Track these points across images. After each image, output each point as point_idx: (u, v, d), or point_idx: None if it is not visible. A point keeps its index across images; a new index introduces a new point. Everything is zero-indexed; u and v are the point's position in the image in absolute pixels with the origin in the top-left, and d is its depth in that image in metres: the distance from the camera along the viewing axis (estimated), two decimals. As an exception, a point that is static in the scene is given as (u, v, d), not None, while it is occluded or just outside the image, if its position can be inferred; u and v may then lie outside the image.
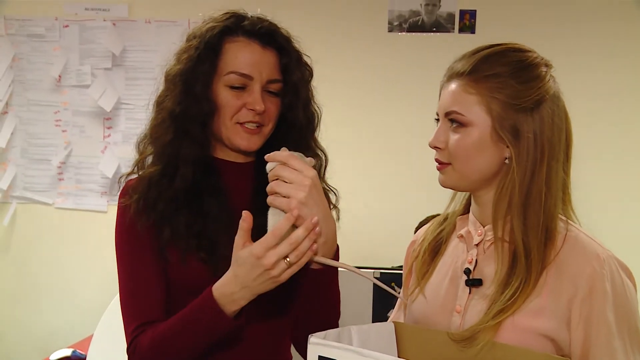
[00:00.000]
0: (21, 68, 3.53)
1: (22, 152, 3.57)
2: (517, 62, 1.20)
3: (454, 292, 1.27)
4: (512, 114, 1.17)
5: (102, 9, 3.48)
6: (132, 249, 1.36)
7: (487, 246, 1.25)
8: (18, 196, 3.57)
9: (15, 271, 3.58)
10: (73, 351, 2.83)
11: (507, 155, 1.20)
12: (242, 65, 1.32)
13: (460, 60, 1.23)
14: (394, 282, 2.31)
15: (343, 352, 1.05)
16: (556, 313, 1.14)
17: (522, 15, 3.32)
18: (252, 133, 1.34)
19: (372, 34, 3.42)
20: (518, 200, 1.18)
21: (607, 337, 1.12)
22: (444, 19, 3.40)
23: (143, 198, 1.34)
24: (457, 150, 1.20)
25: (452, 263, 1.31)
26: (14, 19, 3.51)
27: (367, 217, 3.41)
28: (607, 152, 3.29)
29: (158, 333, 1.29)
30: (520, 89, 1.18)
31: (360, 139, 3.45)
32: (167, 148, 1.34)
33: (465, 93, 1.19)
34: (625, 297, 1.14)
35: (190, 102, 1.32)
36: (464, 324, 1.22)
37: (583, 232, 1.20)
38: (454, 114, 1.20)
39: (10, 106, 3.54)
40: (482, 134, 1.19)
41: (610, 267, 1.14)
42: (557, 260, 1.17)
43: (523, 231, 1.17)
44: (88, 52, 3.49)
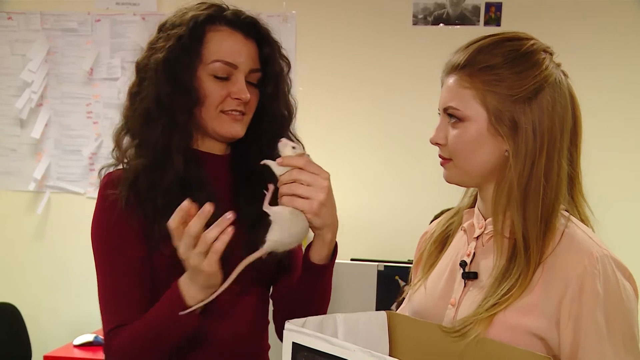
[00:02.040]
0: (55, 62, 3.56)
1: (55, 143, 3.60)
2: (511, 51, 1.14)
3: (451, 284, 1.24)
4: (509, 105, 1.12)
5: (132, 4, 3.51)
6: (117, 248, 1.29)
7: (486, 239, 1.21)
8: (52, 186, 3.60)
9: (48, 258, 3.62)
10: (95, 337, 2.90)
11: (506, 148, 1.15)
12: (227, 54, 1.29)
13: (456, 53, 1.18)
14: (398, 274, 2.40)
15: (313, 340, 1.02)
16: (546, 312, 1.09)
17: (549, 7, 3.23)
18: (236, 120, 1.32)
19: (397, 27, 3.38)
20: (517, 194, 1.13)
21: (596, 339, 1.06)
22: (469, 12, 3.32)
23: (133, 192, 1.28)
24: (456, 145, 1.17)
25: (453, 256, 1.28)
26: (50, 14, 3.55)
27: (373, 210, 3.39)
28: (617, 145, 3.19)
29: (134, 331, 1.25)
30: (516, 79, 1.12)
31: (385, 133, 3.42)
32: (158, 139, 1.28)
33: (461, 87, 1.15)
34: (619, 298, 1.07)
35: (177, 92, 1.28)
36: (457, 317, 1.18)
37: (581, 229, 1.14)
38: (451, 109, 1.16)
39: (45, 98, 3.58)
40: (479, 129, 1.14)
41: (604, 266, 1.08)
42: (551, 258, 1.11)
43: (523, 225, 1.12)
44: (118, 46, 3.51)
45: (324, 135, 3.29)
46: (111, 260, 1.30)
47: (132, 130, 1.33)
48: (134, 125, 1.32)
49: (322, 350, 1.01)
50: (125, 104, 1.35)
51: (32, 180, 3.59)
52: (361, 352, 0.95)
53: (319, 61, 3.39)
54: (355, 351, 0.96)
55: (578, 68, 3.33)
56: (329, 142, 3.32)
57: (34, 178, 3.58)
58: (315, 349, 1.03)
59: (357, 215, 3.32)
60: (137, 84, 1.33)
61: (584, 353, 1.07)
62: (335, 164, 2.66)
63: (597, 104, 2.97)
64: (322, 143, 3.05)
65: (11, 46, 3.57)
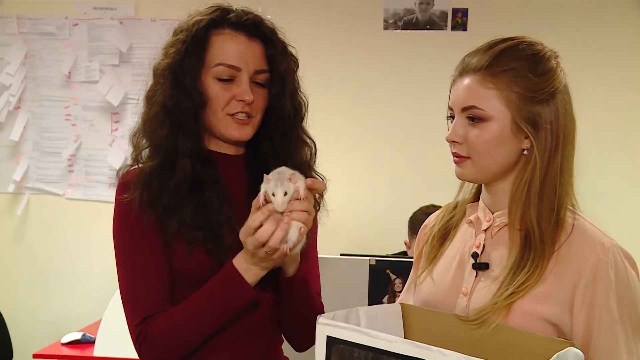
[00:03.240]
0: (33, 65, 3.55)
1: (34, 145, 3.58)
2: (532, 55, 1.17)
3: (460, 275, 1.25)
4: (530, 105, 1.15)
5: (109, 8, 3.50)
6: (137, 243, 1.30)
7: (495, 232, 1.23)
8: (31, 187, 3.59)
9: (29, 259, 3.60)
10: (83, 334, 2.86)
11: (525, 146, 1.17)
12: (230, 57, 1.29)
13: (474, 56, 1.20)
14: (389, 268, 2.38)
15: (351, 333, 1.03)
16: (560, 299, 1.12)
17: (513, 13, 3.33)
18: (242, 123, 1.31)
19: (369, 31, 3.45)
20: (536, 188, 1.16)
21: (609, 323, 1.10)
22: (437, 17, 3.41)
23: (146, 192, 1.29)
24: (478, 144, 1.17)
25: (460, 247, 1.29)
26: (27, 18, 3.53)
27: (364, 206, 3.44)
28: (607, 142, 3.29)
29: (173, 315, 1.26)
30: (536, 82, 1.15)
31: (359, 133, 3.46)
32: (164, 141, 1.30)
33: (483, 88, 1.16)
34: (628, 285, 1.12)
35: (181, 96, 1.28)
36: (469, 306, 1.20)
37: (589, 222, 1.18)
38: (474, 109, 1.17)
39: (23, 101, 3.57)
40: (502, 128, 1.16)
41: (614, 255, 1.12)
42: (563, 248, 1.15)
43: (537, 217, 1.15)
44: (96, 50, 3.51)
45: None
46: (132, 255, 1.31)
47: (146, 132, 1.34)
48: (147, 128, 1.33)
49: (360, 343, 1.02)
50: (143, 107, 1.36)
51: (11, 182, 3.57)
52: (403, 343, 0.97)
53: None
54: (397, 342, 0.98)
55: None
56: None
57: (13, 180, 3.57)
58: (352, 342, 1.03)
59: (346, 212, 3.34)
60: (153, 88, 1.33)
61: (597, 336, 1.10)
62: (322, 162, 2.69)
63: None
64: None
65: None
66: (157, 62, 1.33)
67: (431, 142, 3.36)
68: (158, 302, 1.28)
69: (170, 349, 1.28)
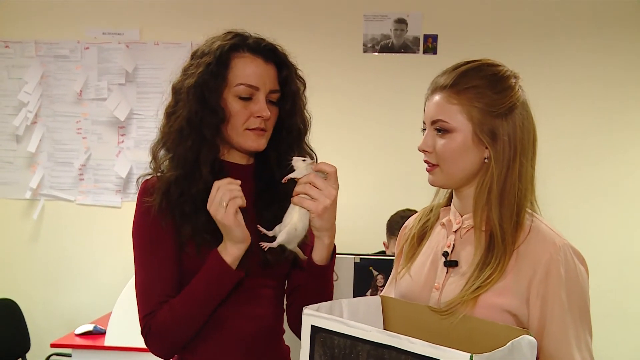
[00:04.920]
0: (48, 84, 3.67)
1: (48, 156, 3.70)
2: (492, 75, 1.22)
3: (434, 271, 1.30)
4: (489, 119, 1.20)
5: (117, 33, 3.63)
6: (153, 244, 1.34)
7: (464, 233, 1.28)
8: (45, 194, 3.71)
9: (44, 258, 3.70)
10: (94, 326, 2.93)
11: (486, 155, 1.22)
12: (250, 78, 1.33)
13: (442, 75, 1.25)
14: (372, 265, 2.45)
15: (331, 322, 1.06)
16: (518, 292, 1.17)
17: (478, 39, 3.49)
18: (259, 135, 1.36)
19: (350, 53, 3.59)
20: (496, 192, 1.21)
21: (560, 313, 1.15)
22: (411, 42, 3.55)
23: (165, 199, 1.33)
24: (444, 153, 1.22)
25: (434, 247, 1.34)
26: (43, 43, 3.66)
27: (349, 210, 3.55)
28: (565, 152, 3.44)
29: (171, 306, 1.31)
30: (496, 98, 1.20)
31: (343, 143, 3.57)
32: (187, 153, 1.33)
33: (449, 104, 1.21)
34: (577, 280, 1.17)
35: (206, 112, 1.32)
36: (441, 299, 1.24)
37: (544, 224, 1.22)
38: (440, 122, 1.22)
39: (39, 117, 3.69)
40: (465, 138, 1.21)
41: (565, 253, 1.17)
42: (522, 247, 1.19)
43: (499, 219, 1.20)
44: (105, 70, 3.64)
45: None
46: (147, 255, 1.35)
47: (167, 144, 1.37)
48: (169, 140, 1.36)
49: (340, 332, 1.05)
50: (162, 122, 1.39)
51: (28, 189, 3.68)
52: (377, 332, 1.00)
53: None
54: (371, 331, 1.00)
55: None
56: None
57: (29, 187, 3.68)
58: (332, 330, 1.06)
59: None
60: (173, 104, 1.37)
61: (550, 325, 1.16)
62: None
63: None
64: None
65: (8, 71, 3.67)
66: (178, 81, 1.38)
67: (407, 151, 3.34)
68: (163, 297, 1.33)
69: (173, 336, 1.32)
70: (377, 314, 1.26)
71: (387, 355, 0.98)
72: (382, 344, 0.99)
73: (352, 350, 1.03)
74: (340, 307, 1.21)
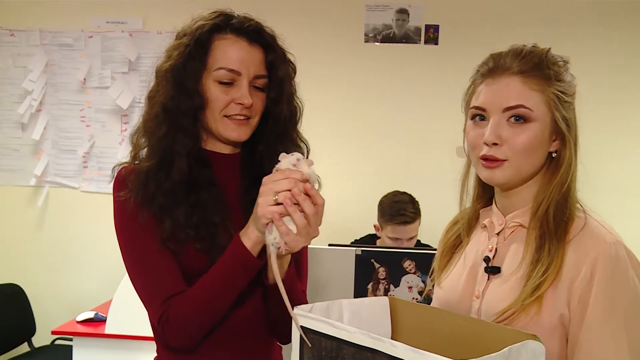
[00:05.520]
0: (53, 73, 3.67)
1: (53, 143, 3.71)
2: (561, 62, 1.15)
3: (473, 279, 1.20)
4: (564, 108, 1.11)
5: (120, 22, 3.63)
6: (138, 237, 1.25)
7: (508, 234, 1.17)
8: (50, 181, 3.72)
9: (48, 245, 3.71)
10: (95, 313, 2.94)
11: (552, 149, 1.13)
12: (231, 62, 1.24)
13: (510, 59, 1.12)
14: (373, 258, 2.35)
15: (319, 323, 1.02)
16: (560, 293, 1.06)
17: (478, 30, 3.46)
18: (240, 124, 1.26)
19: (351, 43, 3.57)
20: (560, 189, 1.11)
21: (599, 320, 1.02)
22: (412, 32, 3.53)
23: (142, 191, 1.23)
24: (520, 145, 1.09)
25: (474, 251, 1.23)
26: (48, 31, 3.66)
27: (350, 198, 3.54)
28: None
29: (189, 294, 1.21)
30: (566, 87, 1.13)
31: (344, 132, 3.57)
32: (161, 142, 1.24)
33: (529, 89, 1.09)
34: (626, 283, 1.04)
35: (182, 97, 1.22)
36: (482, 309, 1.14)
37: (594, 219, 1.11)
38: (521, 109, 1.09)
39: (44, 105, 3.69)
40: (544, 129, 1.10)
41: (616, 252, 1.04)
42: (571, 243, 1.08)
43: (554, 214, 1.11)
44: (108, 59, 3.63)
45: None
46: (135, 247, 1.26)
47: (146, 132, 1.28)
48: (147, 128, 1.27)
49: (326, 333, 1.00)
50: (144, 108, 1.30)
51: (33, 177, 3.70)
52: (360, 334, 0.95)
53: None
54: (355, 333, 0.95)
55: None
56: None
57: (34, 174, 3.69)
58: (320, 332, 1.01)
59: (335, 204, 3.45)
60: (154, 89, 1.28)
61: (586, 332, 1.03)
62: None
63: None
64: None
65: (14, 59, 3.68)
66: (160, 64, 1.28)
67: (408, 140, 3.49)
68: (176, 283, 1.23)
69: (193, 329, 1.22)
70: (384, 315, 1.17)
71: (371, 358, 0.93)
72: (364, 347, 0.94)
73: (339, 353, 0.99)
74: (340, 308, 1.13)
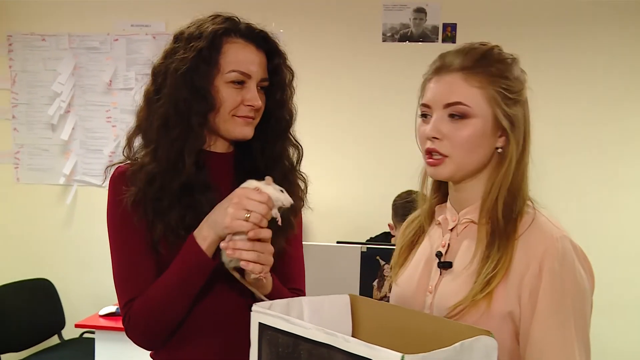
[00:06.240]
0: (80, 75, 3.76)
1: (81, 143, 3.80)
2: (506, 59, 1.14)
3: (427, 274, 1.20)
4: (509, 105, 1.10)
5: (144, 25, 3.70)
6: (126, 233, 1.27)
7: (460, 230, 1.18)
8: (78, 180, 3.81)
9: (76, 241, 3.80)
10: (117, 308, 2.96)
11: (498, 145, 1.13)
12: (243, 65, 1.26)
13: (455, 56, 1.13)
14: (379, 255, 2.39)
15: (276, 320, 1.03)
16: (511, 290, 1.06)
17: (496, 28, 3.44)
18: (247, 123, 1.29)
19: (369, 42, 3.57)
20: (506, 185, 1.11)
21: (546, 314, 1.03)
22: (430, 31, 3.52)
23: (143, 192, 1.25)
24: (461, 141, 1.10)
25: (428, 247, 1.24)
26: (76, 35, 3.75)
27: (364, 199, 3.57)
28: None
29: (147, 295, 1.23)
30: (513, 84, 1.12)
31: (361, 133, 3.57)
32: (174, 144, 1.24)
33: (469, 85, 1.09)
34: (573, 277, 1.04)
35: (195, 99, 1.24)
36: (434, 303, 1.15)
37: (544, 215, 1.12)
38: (459, 105, 1.09)
39: (72, 106, 3.78)
40: (484, 125, 1.10)
41: (563, 246, 1.05)
42: (520, 239, 1.09)
43: (504, 210, 1.11)
44: (133, 61, 3.71)
45: (304, 137, 3.44)
46: (122, 244, 1.28)
47: (146, 132, 1.28)
48: (149, 129, 1.27)
49: (283, 329, 1.00)
50: (141, 107, 1.30)
51: (62, 176, 3.79)
52: (315, 330, 0.95)
53: (303, 72, 3.54)
54: (310, 329, 0.95)
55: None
56: (307, 144, 3.51)
57: (63, 173, 3.78)
58: (277, 328, 1.02)
59: (344, 203, 3.49)
60: (154, 90, 1.28)
61: (537, 324, 1.03)
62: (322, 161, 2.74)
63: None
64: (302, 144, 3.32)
65: (44, 63, 3.77)
66: (159, 64, 1.28)
67: None
68: (141, 286, 1.24)
69: (150, 326, 1.24)
70: (345, 313, 1.18)
71: (327, 354, 0.92)
72: (319, 342, 0.94)
73: (295, 349, 0.99)
74: (300, 305, 1.13)
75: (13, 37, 3.83)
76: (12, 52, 3.84)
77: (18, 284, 3.52)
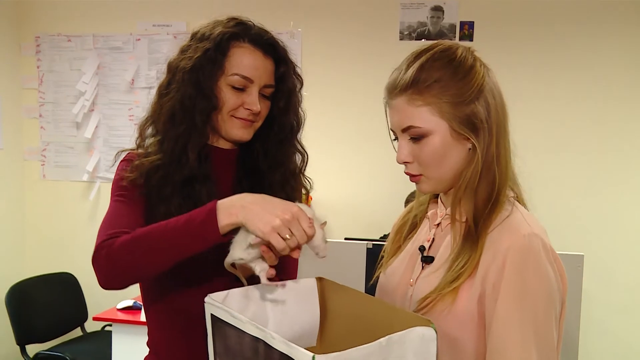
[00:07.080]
0: (104, 74, 3.81)
1: (104, 141, 3.85)
2: (450, 61, 1.08)
3: (412, 267, 1.20)
4: (462, 109, 1.07)
5: (166, 25, 3.74)
6: (123, 201, 1.26)
7: (445, 225, 1.17)
8: (101, 177, 3.86)
9: None
10: (134, 302, 3.06)
11: (469, 146, 1.10)
12: (246, 69, 1.29)
13: (397, 76, 1.10)
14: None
15: (222, 312, 1.02)
16: (475, 285, 1.05)
17: (513, 26, 3.38)
18: (246, 125, 1.32)
19: (386, 41, 3.55)
20: (474, 181, 1.09)
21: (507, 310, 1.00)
22: (447, 29, 3.48)
23: (145, 179, 1.27)
24: (426, 160, 1.10)
25: (416, 241, 1.24)
26: (100, 36, 3.81)
27: (379, 197, 3.55)
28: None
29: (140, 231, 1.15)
30: (461, 86, 1.07)
31: (381, 130, 3.48)
32: (179, 138, 1.28)
33: (414, 107, 1.07)
34: (538, 276, 1.01)
35: (199, 97, 1.27)
36: (413, 296, 1.14)
37: (520, 212, 1.09)
38: (412, 129, 1.08)
39: (96, 105, 3.84)
40: (443, 138, 1.08)
41: (530, 243, 1.02)
42: (489, 235, 1.07)
43: (474, 208, 1.09)
44: (154, 60, 3.74)
45: (321, 134, 3.46)
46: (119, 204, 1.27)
47: (157, 125, 1.32)
48: (159, 121, 1.31)
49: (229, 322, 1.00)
50: (154, 100, 1.34)
51: (86, 172, 3.84)
52: (249, 324, 0.95)
53: (320, 71, 3.55)
54: (246, 323, 0.95)
55: (532, 81, 3.50)
56: (323, 142, 3.48)
57: (87, 170, 3.84)
58: (224, 320, 1.01)
59: (351, 201, 3.49)
60: (167, 84, 1.32)
61: (496, 320, 1.01)
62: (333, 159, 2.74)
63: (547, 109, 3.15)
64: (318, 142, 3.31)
65: (70, 63, 3.84)
66: (174, 59, 1.32)
67: None
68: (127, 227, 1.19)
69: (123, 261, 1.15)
70: (312, 297, 1.17)
71: (260, 348, 0.92)
72: (253, 336, 0.93)
73: (240, 341, 0.97)
74: (263, 293, 1.10)
75: (41, 37, 3.91)
76: (39, 53, 3.92)
77: (43, 277, 3.58)
